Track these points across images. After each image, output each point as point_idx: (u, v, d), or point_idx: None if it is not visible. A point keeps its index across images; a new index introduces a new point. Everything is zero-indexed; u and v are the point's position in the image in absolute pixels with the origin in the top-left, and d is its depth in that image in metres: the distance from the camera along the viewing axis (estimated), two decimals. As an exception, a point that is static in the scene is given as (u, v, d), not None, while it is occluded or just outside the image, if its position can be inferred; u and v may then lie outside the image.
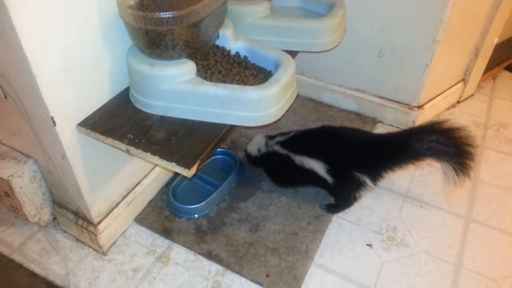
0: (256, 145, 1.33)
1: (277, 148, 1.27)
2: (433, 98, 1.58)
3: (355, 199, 1.27)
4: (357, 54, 1.52)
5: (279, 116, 0.98)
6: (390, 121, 1.61)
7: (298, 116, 1.64)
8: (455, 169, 1.12)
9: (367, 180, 1.18)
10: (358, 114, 1.64)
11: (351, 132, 1.31)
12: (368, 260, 1.17)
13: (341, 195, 1.28)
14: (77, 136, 0.97)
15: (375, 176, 1.18)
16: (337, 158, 1.19)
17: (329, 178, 1.20)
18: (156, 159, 0.89)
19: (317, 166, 1.19)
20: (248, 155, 1.37)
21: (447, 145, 1.12)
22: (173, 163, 0.87)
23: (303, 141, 1.27)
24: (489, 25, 1.48)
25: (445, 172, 1.16)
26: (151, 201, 1.31)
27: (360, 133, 1.33)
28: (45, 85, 0.85)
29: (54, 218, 1.25)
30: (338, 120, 1.61)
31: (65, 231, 1.24)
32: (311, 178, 1.23)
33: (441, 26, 1.32)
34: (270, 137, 1.32)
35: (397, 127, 1.60)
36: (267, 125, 0.96)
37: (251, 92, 0.92)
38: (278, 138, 1.29)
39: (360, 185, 1.20)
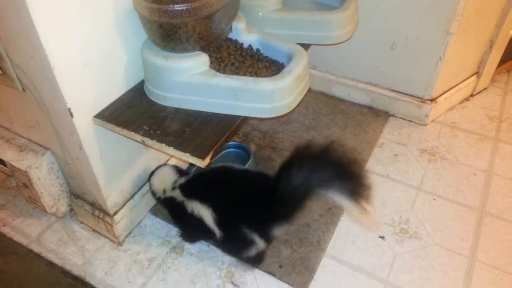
0: (162, 183, 1.12)
1: (176, 193, 1.08)
2: (446, 91, 1.57)
3: (248, 260, 1.08)
4: (369, 47, 1.52)
5: (292, 107, 0.99)
6: (402, 115, 1.60)
7: (310, 110, 1.64)
8: (351, 196, 0.89)
9: (256, 238, 0.99)
10: (370, 108, 1.64)
11: (252, 175, 1.12)
12: (380, 252, 1.17)
13: (231, 254, 1.13)
14: (93, 128, 0.99)
15: (267, 234, 1.00)
16: (226, 207, 1.01)
17: (216, 231, 1.02)
18: (170, 150, 0.90)
19: (206, 214, 1.01)
20: (152, 192, 1.15)
21: (329, 173, 0.90)
22: (187, 154, 0.89)
23: (199, 183, 1.09)
24: (504, 17, 1.46)
25: (343, 204, 0.92)
26: (165, 193, 1.33)
27: (262, 177, 1.09)
28: (62, 78, 0.87)
29: (71, 209, 1.28)
30: (350, 114, 1.61)
31: (82, 222, 1.26)
32: (202, 229, 1.03)
33: (455, 18, 1.31)
34: (180, 172, 1.13)
35: (410, 121, 1.59)
36: (280, 117, 0.97)
37: (264, 84, 0.92)
38: (183, 178, 1.10)
39: (249, 244, 1.00)
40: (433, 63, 1.43)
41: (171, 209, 1.15)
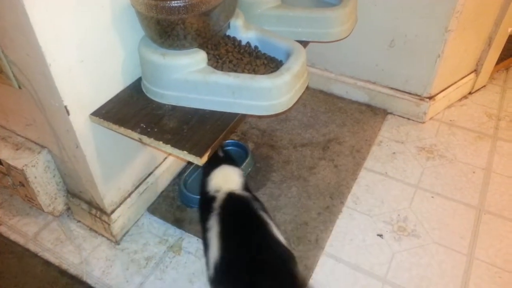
0: (225, 182, 1.06)
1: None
2: (445, 89, 1.57)
3: None
4: (368, 45, 1.51)
5: (290, 105, 0.98)
6: (401, 113, 1.60)
7: (308, 108, 1.63)
8: None
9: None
10: (368, 106, 1.64)
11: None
12: (379, 250, 1.17)
13: None
14: (90, 126, 0.98)
15: None
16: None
17: None
18: (168, 148, 0.89)
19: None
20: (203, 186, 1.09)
21: None
22: (185, 152, 0.88)
23: None
24: (503, 14, 1.46)
25: None
26: (163, 191, 1.33)
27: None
28: (58, 75, 0.86)
29: (68, 208, 1.27)
30: (348, 112, 1.61)
31: (79, 221, 1.25)
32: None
33: (453, 15, 1.30)
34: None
35: (408, 119, 1.59)
36: (278, 114, 0.96)
37: (262, 81, 0.92)
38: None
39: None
40: (432, 61, 1.43)
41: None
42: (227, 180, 1.05)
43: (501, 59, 1.69)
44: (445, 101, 1.59)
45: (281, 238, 0.93)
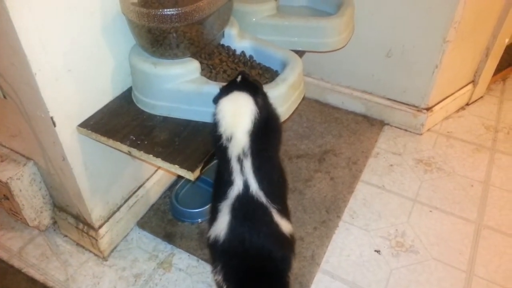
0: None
1: None
2: (442, 100, 1.54)
3: None
4: (364, 54, 1.49)
5: (286, 116, 0.95)
6: (398, 124, 1.57)
7: (304, 118, 1.60)
8: None
9: None
10: (365, 116, 1.61)
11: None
12: (376, 266, 1.13)
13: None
14: (77, 137, 0.94)
15: None
16: None
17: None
18: (158, 161, 0.86)
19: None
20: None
21: None
22: (176, 166, 0.84)
23: None
24: (501, 25, 1.44)
25: None
26: (153, 204, 1.28)
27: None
28: (44, 85, 0.83)
29: (55, 222, 1.22)
30: (344, 123, 1.58)
31: (66, 235, 1.21)
32: None
33: (451, 26, 1.28)
34: None
35: (405, 130, 1.56)
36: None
37: (257, 92, 0.89)
38: None
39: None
40: (430, 72, 1.41)
41: None
42: (237, 120, 0.80)
43: (498, 69, 1.67)
44: (442, 112, 1.57)
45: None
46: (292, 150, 1.47)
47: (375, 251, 1.17)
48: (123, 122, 0.94)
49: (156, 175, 1.26)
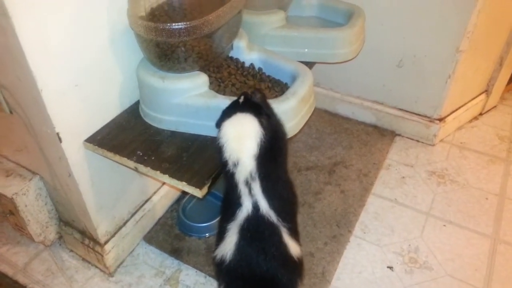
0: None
1: None
2: (455, 110, 1.51)
3: None
4: (375, 64, 1.46)
5: (296, 131, 0.93)
6: (409, 134, 1.54)
7: (313, 129, 1.58)
8: None
9: None
10: (376, 127, 1.58)
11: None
12: (389, 284, 1.10)
13: None
14: (84, 153, 0.92)
15: None
16: None
17: None
18: (166, 178, 0.84)
19: None
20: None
21: None
22: (184, 182, 0.82)
23: None
24: (515, 34, 1.41)
25: None
26: (160, 218, 1.26)
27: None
28: (50, 100, 0.81)
29: (60, 237, 1.20)
30: (355, 133, 1.55)
31: (71, 250, 1.19)
32: None
33: (465, 35, 1.26)
34: None
35: (417, 141, 1.53)
36: (284, 141, 0.90)
37: (267, 107, 0.86)
38: None
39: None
40: (442, 81, 1.37)
41: None
42: (242, 144, 0.77)
43: (511, 79, 1.64)
44: (455, 122, 1.54)
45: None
46: (302, 162, 1.44)
47: (388, 267, 1.14)
48: (130, 137, 0.92)
49: (163, 188, 1.24)
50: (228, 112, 0.81)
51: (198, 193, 0.82)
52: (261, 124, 0.77)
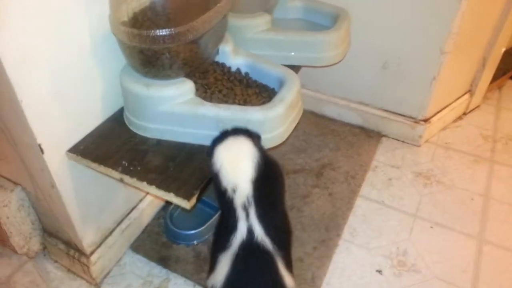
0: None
1: None
2: (440, 111, 1.52)
3: None
4: (361, 66, 1.46)
5: (285, 138, 0.92)
6: (395, 135, 1.55)
7: (300, 131, 1.57)
8: None
9: None
10: (362, 128, 1.58)
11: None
12: None
13: None
14: (67, 163, 0.90)
15: None
16: None
17: None
18: (152, 189, 0.82)
19: None
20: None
21: None
22: (171, 193, 0.80)
23: None
24: (497, 34, 1.43)
25: None
26: (147, 226, 1.24)
27: None
28: (31, 111, 0.78)
29: (44, 247, 1.17)
30: (341, 135, 1.55)
31: (56, 261, 1.16)
32: None
33: (449, 37, 1.26)
34: None
35: (403, 141, 1.54)
36: (271, 148, 0.89)
37: (254, 114, 0.85)
38: None
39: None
40: (427, 83, 1.38)
41: None
42: (238, 167, 0.76)
43: (493, 78, 1.66)
44: (440, 123, 1.55)
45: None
46: (289, 165, 1.43)
47: (377, 271, 1.14)
48: (114, 146, 0.90)
49: (150, 195, 1.22)
50: (218, 139, 0.80)
51: (186, 204, 0.80)
52: (255, 145, 0.76)
